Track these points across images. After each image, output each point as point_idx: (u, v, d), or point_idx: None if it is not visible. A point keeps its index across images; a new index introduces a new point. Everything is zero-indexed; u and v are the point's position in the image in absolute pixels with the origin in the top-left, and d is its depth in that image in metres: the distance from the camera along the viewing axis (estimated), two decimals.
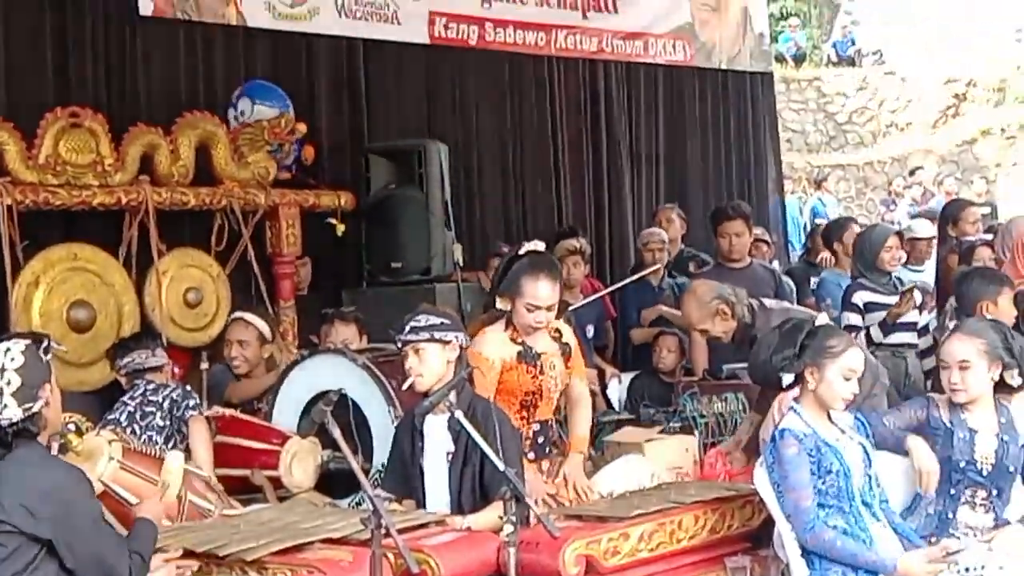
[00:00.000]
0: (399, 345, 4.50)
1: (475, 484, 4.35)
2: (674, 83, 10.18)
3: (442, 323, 4.46)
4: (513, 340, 4.85)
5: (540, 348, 4.91)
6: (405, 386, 4.46)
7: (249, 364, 6.13)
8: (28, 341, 3.76)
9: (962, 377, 4.39)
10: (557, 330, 5.01)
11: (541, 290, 4.81)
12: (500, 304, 4.89)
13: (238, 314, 6.31)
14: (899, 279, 7.14)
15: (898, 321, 6.77)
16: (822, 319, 4.68)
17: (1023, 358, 4.43)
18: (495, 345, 4.83)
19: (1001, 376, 4.43)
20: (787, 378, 4.30)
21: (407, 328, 4.45)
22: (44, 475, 3.56)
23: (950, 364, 4.42)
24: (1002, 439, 4.41)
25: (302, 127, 7.22)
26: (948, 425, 4.42)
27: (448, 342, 4.44)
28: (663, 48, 10.04)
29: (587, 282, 8.14)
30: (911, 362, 6.91)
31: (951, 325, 5.22)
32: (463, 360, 4.50)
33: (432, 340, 4.42)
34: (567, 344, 5.02)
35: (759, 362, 4.45)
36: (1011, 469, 4.41)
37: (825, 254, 8.43)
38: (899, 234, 7.33)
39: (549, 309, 4.85)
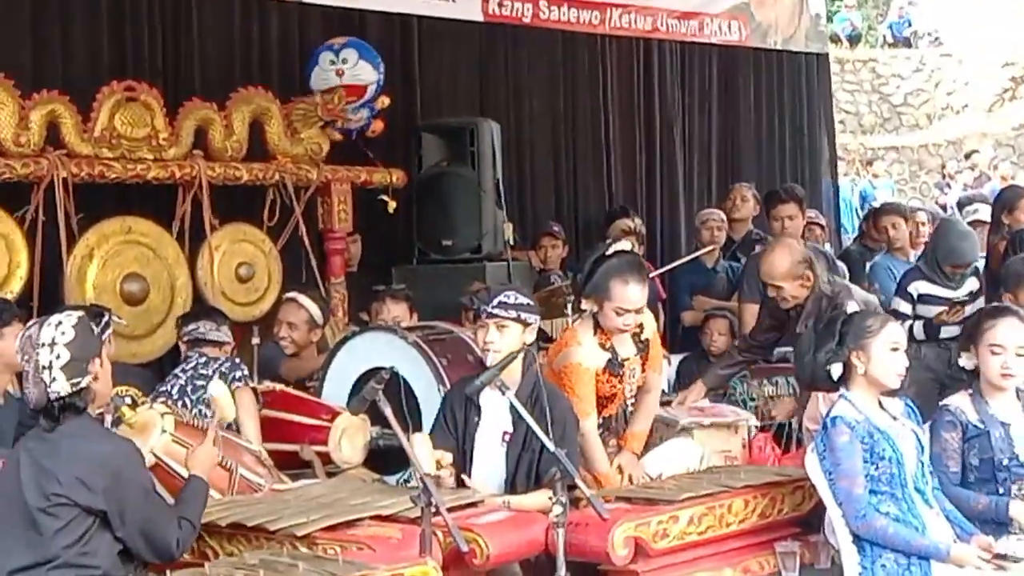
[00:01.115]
0: (483, 315, 4.46)
1: (531, 468, 4.34)
2: (729, 63, 10.08)
3: (529, 304, 4.44)
4: (602, 346, 4.86)
5: (624, 353, 4.92)
6: (488, 361, 4.40)
7: (296, 346, 6.17)
8: (81, 314, 3.79)
9: (1018, 362, 4.34)
10: (640, 325, 5.00)
11: (631, 293, 4.80)
12: (586, 305, 4.89)
13: (292, 295, 6.33)
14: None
15: None
16: (851, 307, 4.64)
17: None
18: (590, 354, 4.84)
19: None
20: (836, 370, 4.26)
21: (495, 301, 4.42)
22: (97, 448, 3.61)
23: (1006, 348, 4.37)
24: None
25: (386, 100, 7.25)
26: (982, 427, 4.37)
27: (530, 324, 4.42)
28: (718, 28, 9.95)
29: None
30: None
31: None
32: (535, 344, 4.49)
33: (518, 320, 4.40)
34: (645, 341, 5.02)
35: (804, 364, 4.40)
36: None
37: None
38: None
39: (638, 312, 4.84)
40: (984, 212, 7.98)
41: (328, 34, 7.76)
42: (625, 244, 5.05)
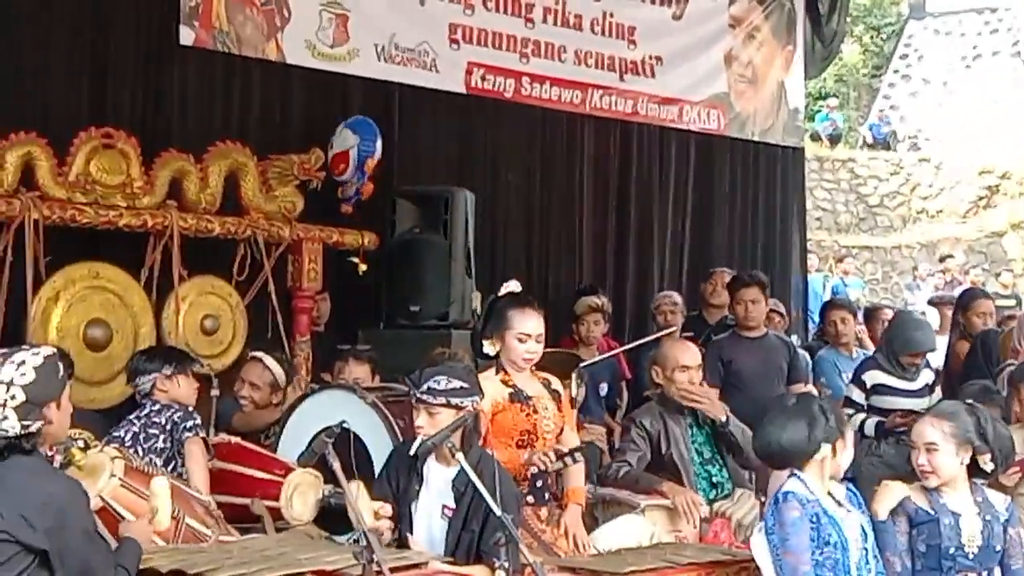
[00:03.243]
0: (413, 400, 4.45)
1: (471, 548, 4.28)
2: (706, 151, 10.21)
3: (461, 387, 4.38)
4: (504, 383, 4.88)
5: (531, 391, 4.95)
6: (413, 450, 4.41)
7: (256, 406, 6.15)
8: (50, 353, 3.73)
9: (928, 459, 4.40)
10: (546, 378, 5.06)
11: (529, 319, 4.92)
12: (488, 348, 4.96)
13: (257, 355, 6.29)
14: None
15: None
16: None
17: (997, 442, 4.41)
18: (486, 387, 4.82)
19: (975, 459, 4.42)
20: (825, 451, 4.27)
21: (425, 386, 4.38)
22: (43, 487, 3.56)
23: (918, 445, 4.43)
24: (985, 519, 4.40)
25: (371, 163, 7.35)
26: (932, 513, 4.38)
27: (464, 407, 4.39)
28: (697, 115, 10.09)
29: (604, 341, 8.15)
30: None
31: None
32: (478, 419, 4.47)
33: (448, 405, 4.36)
34: (556, 391, 5.06)
35: (772, 439, 4.37)
36: (997, 548, 4.39)
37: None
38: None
39: (538, 340, 4.94)
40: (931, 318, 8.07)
41: (310, 96, 7.86)
42: (516, 285, 5.15)
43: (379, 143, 7.36)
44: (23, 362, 3.61)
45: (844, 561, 4.13)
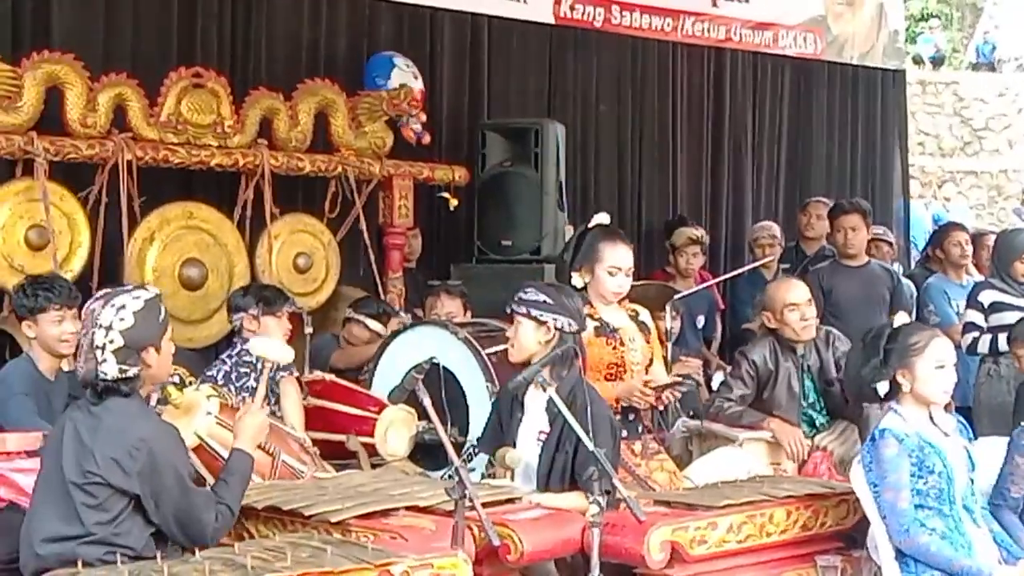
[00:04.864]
0: (508, 310, 4.50)
1: (565, 471, 4.28)
2: (802, 76, 9.96)
3: (545, 301, 4.39)
4: (590, 316, 4.82)
5: (617, 324, 4.89)
6: (511, 355, 4.44)
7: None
8: (150, 296, 3.65)
9: None
10: (634, 310, 5.01)
11: (619, 252, 4.88)
12: (577, 279, 4.90)
13: (358, 317, 6.38)
14: None
15: None
16: (900, 319, 4.54)
17: None
18: None
19: None
20: (882, 388, 4.18)
21: (516, 296, 4.45)
22: (135, 430, 3.54)
23: None
24: None
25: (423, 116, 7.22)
26: None
27: (543, 323, 4.37)
28: (793, 40, 9.84)
29: (699, 273, 8.05)
30: None
31: None
32: (565, 343, 4.43)
33: (528, 316, 4.38)
34: (644, 323, 4.99)
35: (851, 379, 4.40)
36: None
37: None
38: None
39: (627, 273, 4.89)
40: None
41: (398, 31, 7.81)
42: (605, 217, 5.09)
43: (394, 73, 7.19)
44: (123, 306, 3.57)
45: (949, 491, 4.02)
